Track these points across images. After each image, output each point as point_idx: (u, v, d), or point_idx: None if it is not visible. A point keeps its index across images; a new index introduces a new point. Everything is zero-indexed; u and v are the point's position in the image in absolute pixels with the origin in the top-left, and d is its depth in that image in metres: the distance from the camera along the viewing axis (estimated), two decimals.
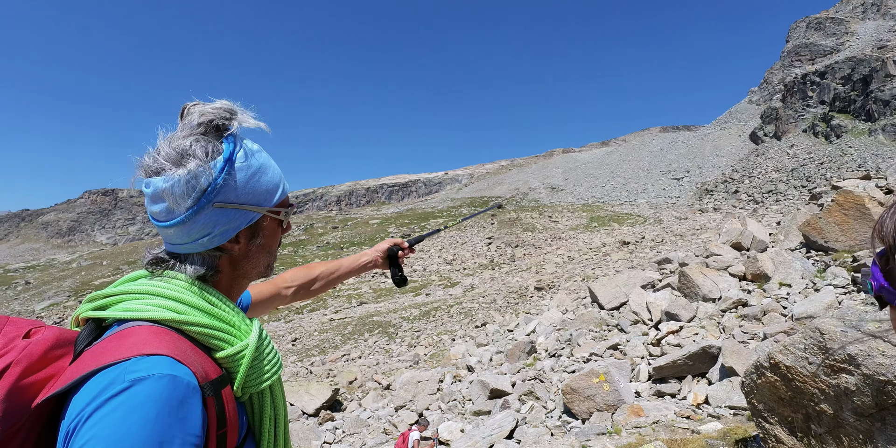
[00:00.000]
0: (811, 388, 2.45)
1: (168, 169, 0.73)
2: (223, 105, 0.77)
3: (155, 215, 0.77)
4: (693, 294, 7.60)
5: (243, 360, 0.76)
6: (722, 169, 72.41)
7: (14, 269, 77.63)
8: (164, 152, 0.74)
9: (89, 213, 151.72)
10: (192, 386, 0.65)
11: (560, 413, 6.05)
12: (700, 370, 5.61)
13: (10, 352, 0.66)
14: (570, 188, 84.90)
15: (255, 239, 0.83)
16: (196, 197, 0.74)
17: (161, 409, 0.60)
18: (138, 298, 0.75)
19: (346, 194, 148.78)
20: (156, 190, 0.74)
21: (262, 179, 0.81)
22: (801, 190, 49.32)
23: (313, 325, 23.84)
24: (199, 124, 0.75)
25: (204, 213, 0.75)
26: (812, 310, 5.59)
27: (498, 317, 17.58)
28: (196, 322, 0.74)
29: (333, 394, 11.32)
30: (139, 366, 0.63)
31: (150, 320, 0.72)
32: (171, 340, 0.70)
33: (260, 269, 0.88)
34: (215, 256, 0.80)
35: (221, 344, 0.76)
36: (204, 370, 0.70)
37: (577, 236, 41.90)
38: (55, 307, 48.57)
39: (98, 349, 0.68)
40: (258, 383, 0.79)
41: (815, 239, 7.50)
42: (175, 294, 0.76)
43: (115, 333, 0.70)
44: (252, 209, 0.80)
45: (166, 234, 0.78)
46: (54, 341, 0.70)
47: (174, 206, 0.74)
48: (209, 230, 0.77)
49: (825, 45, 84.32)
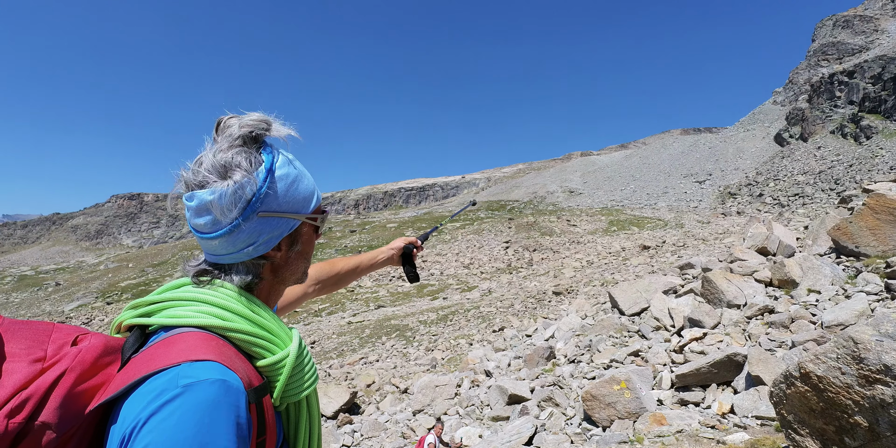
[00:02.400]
0: (844, 400, 2.37)
1: (213, 181, 0.74)
2: (259, 117, 0.78)
3: (199, 228, 0.78)
4: (717, 300, 7.43)
5: (284, 369, 0.77)
6: (745, 172, 70.71)
7: (45, 271, 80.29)
8: (207, 165, 0.75)
9: (116, 216, 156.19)
10: (241, 391, 0.66)
11: (580, 420, 5.96)
12: (725, 378, 5.47)
13: (63, 359, 0.67)
14: (588, 192, 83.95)
15: (295, 246, 0.85)
16: (242, 207, 0.75)
17: (214, 413, 0.62)
18: (184, 305, 0.76)
19: (364, 198, 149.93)
20: (201, 202, 0.74)
21: (300, 187, 0.83)
22: (830, 193, 47.80)
23: (331, 328, 24.03)
24: (238, 137, 0.76)
25: (249, 222, 0.76)
26: (843, 317, 5.40)
27: (516, 321, 17.45)
28: (240, 329, 0.75)
29: (352, 397, 11.38)
30: (190, 371, 0.64)
31: (196, 326, 0.73)
32: (218, 347, 0.71)
33: (298, 275, 0.89)
34: (259, 264, 0.82)
35: (263, 352, 0.77)
36: (248, 377, 0.70)
37: (595, 240, 41.39)
38: (83, 308, 49.99)
39: (147, 355, 0.69)
40: (297, 393, 0.79)
41: (846, 244, 7.26)
42: (221, 301, 0.77)
43: (162, 340, 0.72)
44: (292, 217, 0.82)
45: (210, 246, 0.79)
46: (103, 348, 0.72)
47: (221, 218, 0.75)
48: (254, 239, 0.78)
49: (853, 43, 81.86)
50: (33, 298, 61.65)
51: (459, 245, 45.30)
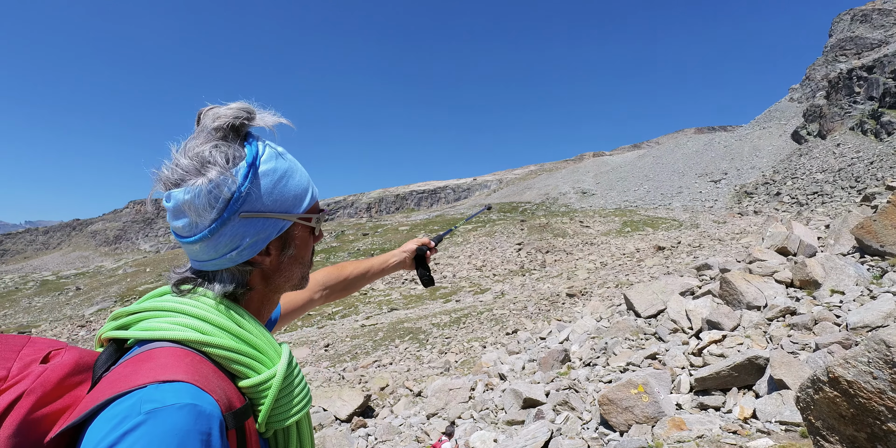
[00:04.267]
0: (877, 406, 2.27)
1: (188, 179, 0.67)
2: (240, 105, 0.70)
3: (178, 231, 0.71)
4: (736, 301, 7.26)
5: (269, 391, 0.68)
6: (762, 170, 69.47)
7: (66, 276, 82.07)
8: (182, 161, 0.67)
9: (134, 222, 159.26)
10: (216, 417, 0.58)
11: (596, 424, 5.86)
12: (746, 382, 5.32)
13: (24, 379, 0.60)
14: (601, 192, 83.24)
15: (287, 250, 0.77)
16: (220, 208, 0.67)
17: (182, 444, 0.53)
18: (161, 316, 0.69)
19: (376, 201, 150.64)
20: (177, 203, 0.67)
21: (290, 184, 0.74)
22: (850, 191, 46.69)
23: (345, 330, 24.11)
24: (216, 129, 0.68)
25: (230, 224, 0.68)
26: (869, 319, 5.23)
27: (529, 324, 17.32)
28: (220, 344, 0.67)
29: (365, 400, 11.37)
30: (157, 395, 0.56)
31: (171, 341, 0.66)
32: (193, 364, 0.63)
33: (294, 282, 0.80)
34: (245, 271, 0.73)
35: (246, 371, 0.68)
36: (227, 398, 0.63)
37: (609, 242, 40.96)
38: (103, 312, 50.96)
39: (114, 375, 0.61)
40: (284, 419, 0.71)
41: (870, 243, 7.05)
42: (201, 313, 0.69)
43: (133, 357, 0.64)
44: (281, 217, 0.73)
45: (192, 251, 0.71)
46: (72, 367, 0.64)
47: (197, 220, 0.67)
48: (237, 243, 0.70)
49: (872, 37, 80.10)
50: (55, 303, 63.06)
51: (472, 247, 45.21)
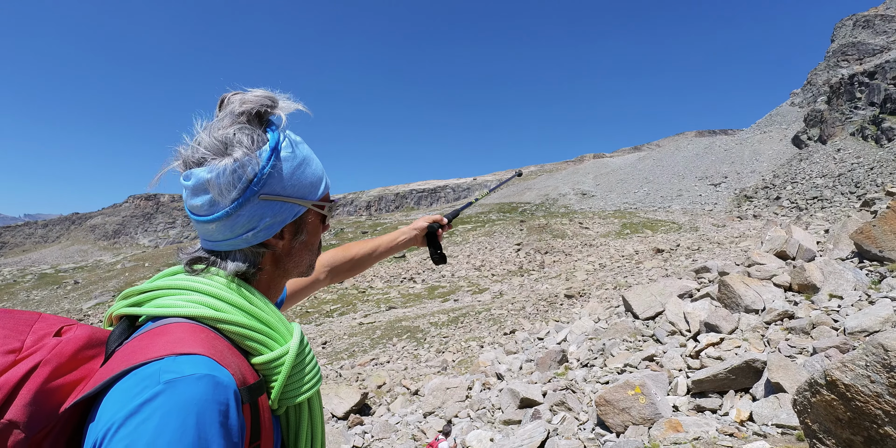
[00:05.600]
0: (874, 409, 2.28)
1: (211, 159, 0.68)
2: (264, 93, 0.73)
3: (195, 210, 0.72)
4: (734, 305, 7.28)
5: (282, 368, 0.70)
6: (762, 174, 69.55)
7: (64, 270, 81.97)
8: (205, 142, 0.69)
9: (133, 216, 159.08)
10: (232, 388, 0.59)
11: (593, 425, 5.88)
12: (743, 385, 5.34)
13: (39, 350, 0.61)
14: (601, 194, 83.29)
15: (300, 235, 0.79)
16: (242, 188, 0.69)
17: (200, 414, 0.54)
18: (174, 294, 0.70)
19: (376, 200, 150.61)
20: (198, 181, 0.68)
21: (307, 171, 0.76)
22: (850, 196, 46.76)
23: (343, 328, 24.11)
24: (241, 113, 0.70)
25: (249, 205, 0.70)
26: (867, 324, 5.25)
27: (527, 324, 17.34)
28: (234, 321, 0.68)
29: (362, 398, 11.39)
30: (174, 366, 0.57)
31: (185, 317, 0.67)
32: (208, 339, 0.64)
33: (301, 269, 0.82)
34: (259, 253, 0.75)
35: (259, 347, 0.70)
36: (242, 373, 0.64)
37: (608, 243, 40.98)
38: (101, 306, 50.92)
39: (130, 348, 0.63)
40: (296, 395, 0.72)
41: (869, 248, 7.07)
42: (214, 290, 0.70)
43: (147, 331, 0.65)
44: (297, 202, 0.75)
45: (206, 230, 0.72)
46: (86, 340, 0.66)
47: (218, 198, 0.68)
48: (254, 224, 0.71)
49: (874, 43, 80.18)
50: (53, 296, 62.98)
51: (471, 247, 45.22)
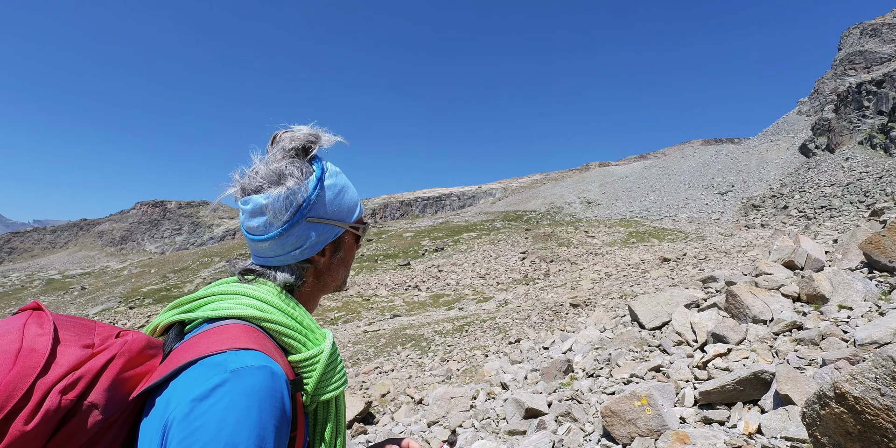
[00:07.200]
0: (884, 423, 2.25)
1: (267, 187, 0.82)
2: (309, 130, 0.87)
3: (252, 230, 0.84)
4: (742, 315, 7.21)
5: (318, 365, 0.80)
6: (770, 183, 69.16)
7: (72, 275, 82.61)
8: (262, 172, 0.82)
9: (140, 223, 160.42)
10: (285, 380, 0.70)
11: (599, 436, 5.81)
12: (751, 397, 5.27)
13: (110, 347, 0.70)
14: (606, 202, 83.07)
15: (338, 253, 0.92)
16: (293, 211, 0.82)
17: (262, 399, 0.64)
18: (227, 298, 0.81)
19: (381, 207, 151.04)
20: (256, 206, 0.81)
21: (346, 198, 0.89)
22: (859, 205, 46.35)
23: (347, 336, 24.07)
24: (291, 149, 0.84)
25: (298, 226, 0.83)
26: (877, 335, 5.17)
27: (532, 333, 17.23)
28: (277, 320, 0.79)
29: (366, 406, 11.33)
30: (237, 358, 0.67)
31: (236, 317, 0.77)
32: (260, 338, 0.74)
33: (338, 283, 0.95)
34: (303, 268, 0.88)
35: (298, 345, 0.80)
36: (285, 369, 0.74)
37: (614, 252, 40.78)
38: (107, 312, 51.09)
39: (191, 344, 0.72)
40: (326, 392, 0.82)
41: (878, 258, 7.00)
42: (262, 295, 0.81)
43: (203, 331, 0.75)
44: (337, 224, 0.88)
45: (260, 248, 0.85)
46: (147, 341, 0.76)
47: (273, 220, 0.81)
48: (302, 243, 0.84)
49: (882, 52, 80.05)
50: (59, 302, 63.37)
51: (475, 255, 45.16)
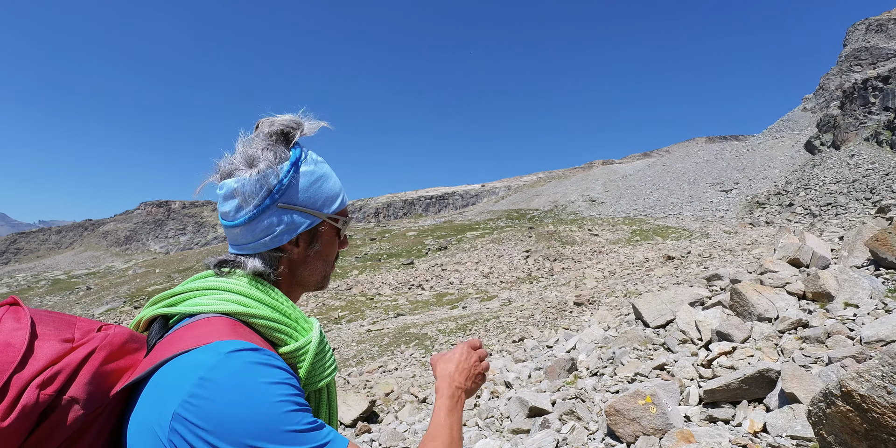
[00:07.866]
0: (891, 421, 2.23)
1: (240, 170, 0.81)
2: (290, 117, 0.85)
3: (224, 215, 0.84)
4: (747, 313, 7.17)
5: (307, 355, 0.80)
6: (774, 180, 68.78)
7: (77, 276, 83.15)
8: (238, 157, 0.82)
9: (144, 223, 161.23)
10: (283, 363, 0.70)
11: (603, 435, 5.79)
12: (756, 395, 5.24)
13: (90, 341, 0.70)
14: (610, 201, 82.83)
15: (314, 245, 0.89)
16: (263, 196, 0.80)
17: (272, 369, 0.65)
18: (207, 294, 0.79)
19: (384, 206, 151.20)
20: (228, 189, 0.81)
21: (324, 186, 0.87)
22: (865, 203, 46.00)
23: (351, 335, 24.11)
24: (269, 133, 0.83)
25: (269, 211, 0.81)
26: (883, 333, 5.13)
27: (536, 332, 17.21)
28: (263, 315, 0.78)
29: (370, 405, 11.35)
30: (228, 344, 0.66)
31: (219, 313, 0.76)
32: (245, 332, 0.73)
33: (317, 278, 0.92)
34: (276, 257, 0.85)
35: (285, 338, 0.80)
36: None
37: (618, 250, 40.68)
38: (112, 312, 51.43)
39: (175, 337, 0.71)
40: (318, 381, 0.83)
41: (885, 255, 6.94)
42: (242, 289, 0.80)
43: (186, 325, 0.74)
44: (312, 213, 0.85)
45: (233, 235, 0.84)
46: (129, 335, 0.75)
47: (243, 204, 0.80)
48: (272, 229, 0.82)
49: (888, 48, 79.43)
50: (65, 302, 63.82)
51: (479, 254, 45.15)
